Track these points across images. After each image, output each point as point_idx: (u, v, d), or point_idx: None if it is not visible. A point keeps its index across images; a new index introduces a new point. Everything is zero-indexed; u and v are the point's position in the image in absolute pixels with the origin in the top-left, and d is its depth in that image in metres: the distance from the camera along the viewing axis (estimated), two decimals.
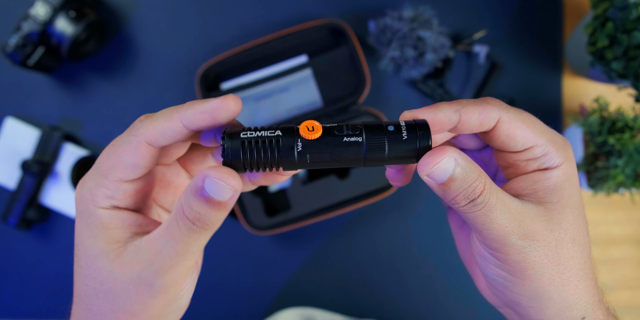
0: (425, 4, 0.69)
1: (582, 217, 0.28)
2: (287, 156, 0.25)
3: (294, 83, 0.72)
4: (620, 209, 0.74)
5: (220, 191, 0.24)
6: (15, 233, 0.74)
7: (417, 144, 0.25)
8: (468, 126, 0.27)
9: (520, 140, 0.27)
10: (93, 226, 0.26)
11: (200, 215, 0.24)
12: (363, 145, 0.25)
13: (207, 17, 0.75)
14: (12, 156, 0.74)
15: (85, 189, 0.27)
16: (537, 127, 0.28)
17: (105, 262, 0.26)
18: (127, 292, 0.26)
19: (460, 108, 0.26)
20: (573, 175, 0.28)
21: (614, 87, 0.70)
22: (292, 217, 0.69)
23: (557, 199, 0.27)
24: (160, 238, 0.26)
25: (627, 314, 0.73)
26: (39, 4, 0.67)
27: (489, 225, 0.26)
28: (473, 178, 0.25)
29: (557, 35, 0.74)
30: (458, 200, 0.26)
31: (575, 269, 0.28)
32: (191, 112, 0.25)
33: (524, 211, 0.27)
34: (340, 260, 0.74)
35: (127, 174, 0.26)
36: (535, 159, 0.28)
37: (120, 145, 0.26)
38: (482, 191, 0.25)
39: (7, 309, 0.74)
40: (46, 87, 0.75)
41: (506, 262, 0.27)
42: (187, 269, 0.27)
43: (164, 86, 0.75)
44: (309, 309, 0.72)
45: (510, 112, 0.27)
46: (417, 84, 0.73)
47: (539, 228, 0.27)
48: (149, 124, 0.26)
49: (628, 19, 0.56)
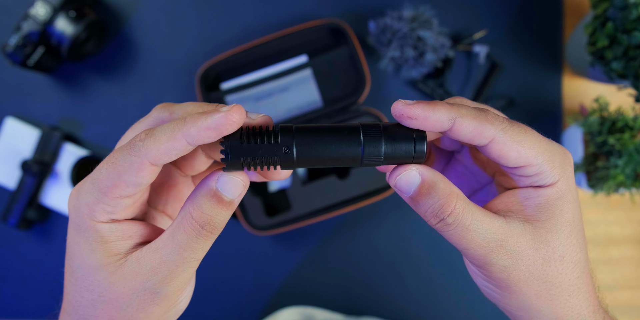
0: (425, 4, 0.69)
1: (576, 233, 0.28)
2: (286, 156, 0.25)
3: (294, 83, 0.72)
4: (620, 209, 0.74)
5: (233, 187, 0.25)
6: (15, 233, 0.74)
7: (412, 149, 0.26)
8: (457, 136, 0.26)
9: (512, 160, 0.26)
10: (91, 240, 0.26)
11: (210, 218, 0.25)
12: (361, 150, 0.26)
13: (207, 17, 0.76)
14: (12, 156, 0.74)
15: (83, 203, 0.26)
16: (535, 146, 0.26)
17: (104, 275, 0.26)
18: (130, 302, 0.26)
19: (457, 117, 0.25)
20: (569, 192, 0.27)
21: (614, 87, 0.70)
22: (292, 217, 0.69)
23: (547, 217, 0.27)
24: (165, 247, 0.25)
25: (627, 314, 0.73)
26: (39, 4, 0.67)
27: (466, 245, 0.26)
28: (441, 196, 0.25)
29: (557, 35, 0.74)
30: (428, 218, 0.26)
31: (564, 285, 0.27)
32: (195, 129, 0.24)
33: (507, 230, 0.26)
34: (340, 259, 0.74)
35: (128, 191, 0.25)
36: (527, 177, 0.27)
37: (121, 164, 0.25)
38: (452, 211, 0.25)
39: (7, 309, 0.74)
40: (46, 87, 0.75)
41: (490, 277, 0.27)
42: (190, 275, 0.27)
43: (164, 86, 0.75)
44: (309, 307, 0.72)
45: (507, 132, 0.26)
46: (417, 84, 0.73)
47: (524, 247, 0.26)
48: (152, 145, 0.24)
49: (628, 19, 0.56)
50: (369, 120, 0.70)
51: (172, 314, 0.28)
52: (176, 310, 0.28)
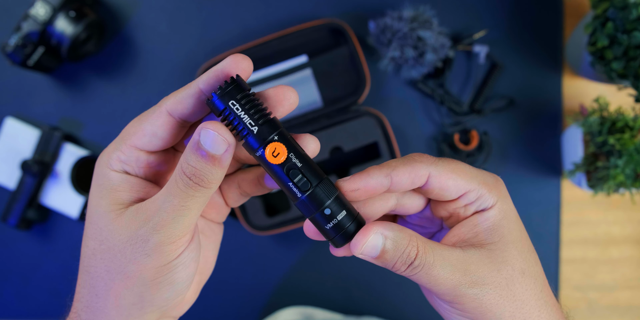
0: (425, 4, 0.69)
1: (527, 248, 0.29)
2: (247, 149, 0.27)
3: (294, 83, 0.72)
4: (620, 209, 0.73)
5: (215, 143, 0.25)
6: (15, 233, 0.74)
7: (346, 236, 0.28)
8: (401, 187, 0.28)
9: (452, 189, 0.29)
10: (102, 187, 0.28)
11: (196, 171, 0.25)
12: (300, 199, 0.27)
13: (208, 17, 0.75)
14: (12, 156, 0.74)
15: (105, 153, 0.28)
16: (467, 173, 0.29)
17: (106, 221, 0.27)
18: (123, 250, 0.27)
19: (390, 171, 0.28)
20: (509, 210, 0.29)
21: (614, 87, 0.70)
22: (292, 217, 0.69)
23: (498, 237, 0.28)
24: (160, 197, 0.27)
25: (627, 314, 0.73)
26: (39, 4, 0.67)
27: (435, 282, 0.27)
28: (404, 244, 0.27)
29: (557, 35, 0.74)
30: (398, 268, 0.27)
31: (532, 300, 0.28)
32: (206, 76, 0.27)
33: (466, 259, 0.27)
34: (340, 259, 0.74)
35: (144, 142, 0.28)
36: (471, 204, 0.29)
37: (144, 114, 0.28)
38: (417, 254, 0.27)
39: (7, 309, 0.74)
40: (46, 87, 0.75)
41: (465, 310, 0.28)
42: (184, 228, 0.27)
43: (164, 86, 0.75)
44: (309, 307, 0.72)
45: (438, 165, 0.28)
46: (417, 84, 0.73)
47: (485, 271, 0.27)
48: (171, 95, 0.27)
49: (628, 19, 0.56)
50: (368, 120, 0.70)
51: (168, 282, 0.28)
52: (172, 278, 0.28)
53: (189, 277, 0.29)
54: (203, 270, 0.35)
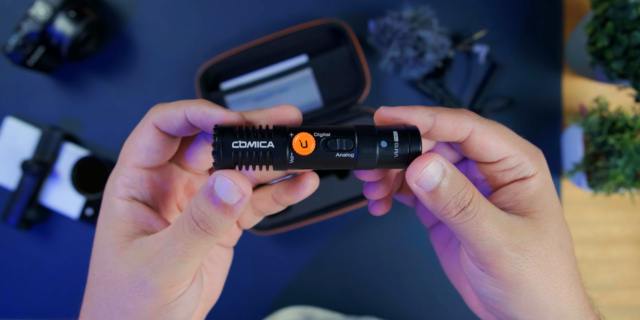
0: (425, 4, 0.69)
1: (564, 223, 0.28)
2: (279, 167, 0.25)
3: (294, 83, 0.72)
4: (620, 209, 0.73)
5: (230, 192, 0.24)
6: (15, 233, 0.74)
7: (407, 150, 0.25)
8: (441, 133, 0.27)
9: (494, 150, 0.27)
10: (108, 216, 0.28)
11: (205, 217, 0.24)
12: (354, 159, 0.25)
13: (207, 17, 0.75)
14: (12, 156, 0.74)
15: (110, 180, 0.28)
16: (510, 137, 0.28)
17: (111, 253, 0.27)
18: (123, 287, 0.26)
19: (436, 113, 0.27)
20: (549, 182, 0.28)
21: (614, 87, 0.70)
22: (292, 217, 0.69)
23: (541, 207, 0.27)
24: (164, 237, 0.26)
25: (627, 314, 0.73)
26: (39, 4, 0.67)
27: (482, 236, 0.25)
28: (461, 185, 0.25)
29: (557, 35, 0.74)
30: (449, 209, 0.25)
31: (565, 275, 0.27)
32: (195, 107, 0.26)
33: (512, 222, 0.26)
34: (340, 259, 0.74)
35: (141, 158, 0.27)
36: (511, 169, 0.28)
37: (135, 131, 0.28)
38: (471, 198, 0.25)
39: (7, 309, 0.74)
40: (46, 87, 0.75)
41: (500, 277, 0.27)
42: (185, 274, 0.26)
43: (164, 86, 0.75)
44: (309, 307, 0.72)
45: (483, 123, 0.27)
46: (417, 84, 0.73)
47: (529, 238, 0.26)
48: (158, 108, 0.27)
49: (628, 19, 0.56)
50: (368, 120, 0.70)
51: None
52: (171, 316, 0.27)
53: (190, 315, 0.29)
54: (209, 297, 0.34)
